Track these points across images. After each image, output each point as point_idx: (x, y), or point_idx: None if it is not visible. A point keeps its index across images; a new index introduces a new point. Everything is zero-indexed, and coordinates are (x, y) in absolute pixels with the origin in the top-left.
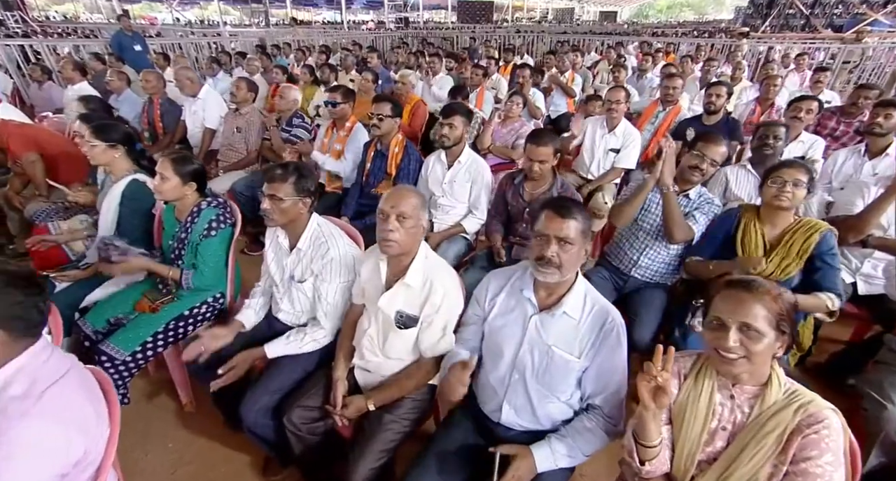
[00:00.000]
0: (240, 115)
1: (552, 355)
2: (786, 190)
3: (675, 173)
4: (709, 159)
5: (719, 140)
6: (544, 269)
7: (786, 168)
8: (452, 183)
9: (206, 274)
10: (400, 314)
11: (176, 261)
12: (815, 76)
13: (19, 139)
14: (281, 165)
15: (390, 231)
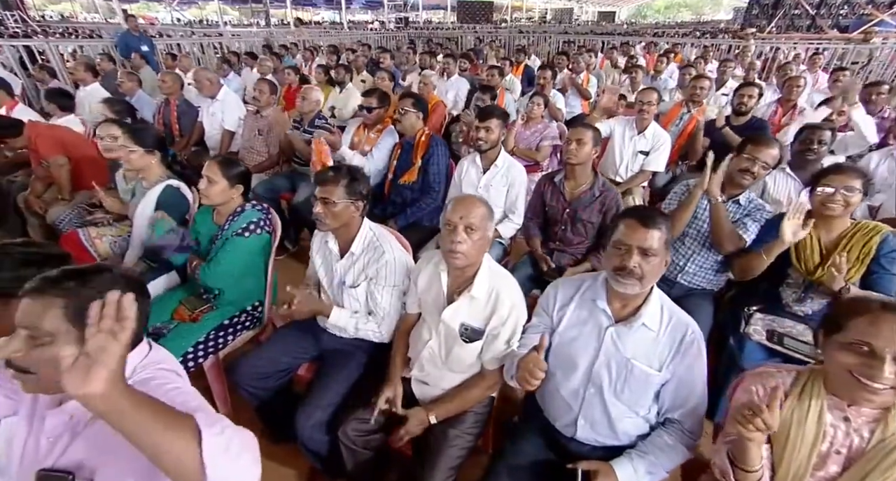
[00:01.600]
0: (261, 117)
1: (631, 368)
2: (835, 197)
3: (724, 178)
4: (760, 162)
5: (771, 142)
6: (625, 280)
7: (835, 174)
8: (489, 187)
9: (217, 271)
10: (465, 327)
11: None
12: (833, 76)
13: (48, 140)
14: (333, 168)
15: (459, 243)
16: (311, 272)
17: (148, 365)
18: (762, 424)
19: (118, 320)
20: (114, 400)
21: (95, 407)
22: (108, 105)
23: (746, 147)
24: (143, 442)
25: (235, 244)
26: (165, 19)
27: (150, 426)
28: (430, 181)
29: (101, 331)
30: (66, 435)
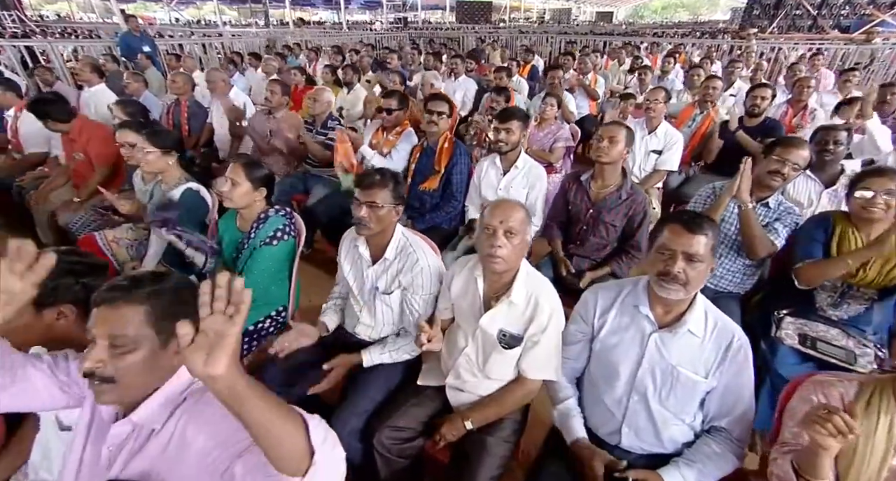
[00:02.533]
0: (273, 118)
1: (677, 375)
2: (876, 201)
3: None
4: (791, 163)
5: (802, 143)
6: (668, 286)
7: (874, 177)
8: (509, 189)
9: (248, 282)
10: (503, 333)
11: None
12: (843, 76)
13: (102, 142)
14: (377, 171)
15: (499, 247)
16: (339, 279)
17: None
18: (843, 425)
19: (234, 304)
20: (233, 382)
21: (217, 389)
22: (122, 107)
23: (775, 149)
24: (261, 426)
25: (264, 253)
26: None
27: (266, 410)
28: (454, 190)
29: (217, 312)
30: (130, 445)
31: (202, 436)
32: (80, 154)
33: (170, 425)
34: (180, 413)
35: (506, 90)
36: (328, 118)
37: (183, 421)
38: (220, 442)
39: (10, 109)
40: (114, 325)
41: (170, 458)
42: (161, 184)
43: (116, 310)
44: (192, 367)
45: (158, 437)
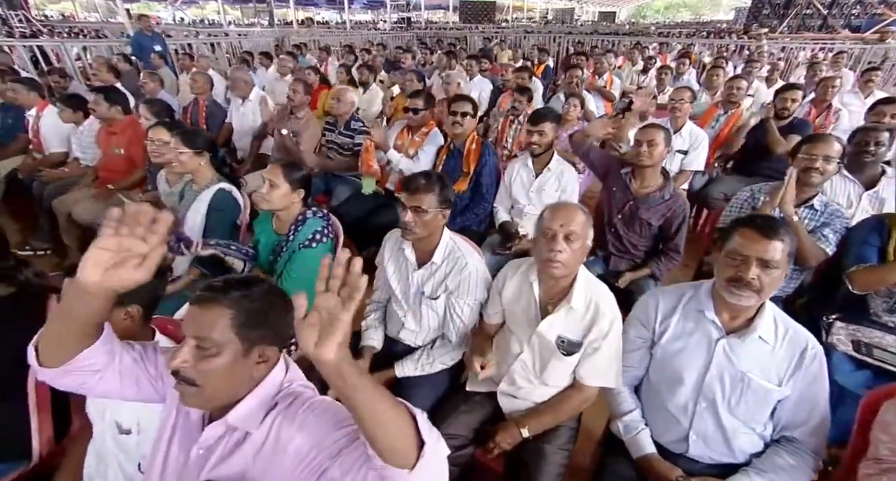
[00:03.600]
0: (296, 118)
1: (748, 382)
2: None
3: None
4: (820, 157)
5: (827, 137)
6: (740, 292)
7: None
8: (541, 191)
9: (289, 287)
10: (561, 339)
11: (276, 277)
12: (865, 76)
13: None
14: (423, 174)
15: (558, 252)
16: (381, 282)
17: (293, 380)
18: None
19: (350, 287)
20: (342, 369)
21: (327, 373)
22: (148, 106)
23: (801, 148)
24: (372, 415)
25: (304, 256)
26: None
27: (377, 399)
28: (483, 192)
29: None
30: (222, 447)
31: (297, 439)
32: (120, 149)
33: (264, 428)
34: (274, 415)
35: (528, 90)
36: (351, 119)
37: (277, 424)
38: (316, 444)
39: (32, 109)
40: (201, 327)
41: (264, 461)
42: (192, 184)
43: (206, 311)
44: (303, 344)
45: (252, 440)
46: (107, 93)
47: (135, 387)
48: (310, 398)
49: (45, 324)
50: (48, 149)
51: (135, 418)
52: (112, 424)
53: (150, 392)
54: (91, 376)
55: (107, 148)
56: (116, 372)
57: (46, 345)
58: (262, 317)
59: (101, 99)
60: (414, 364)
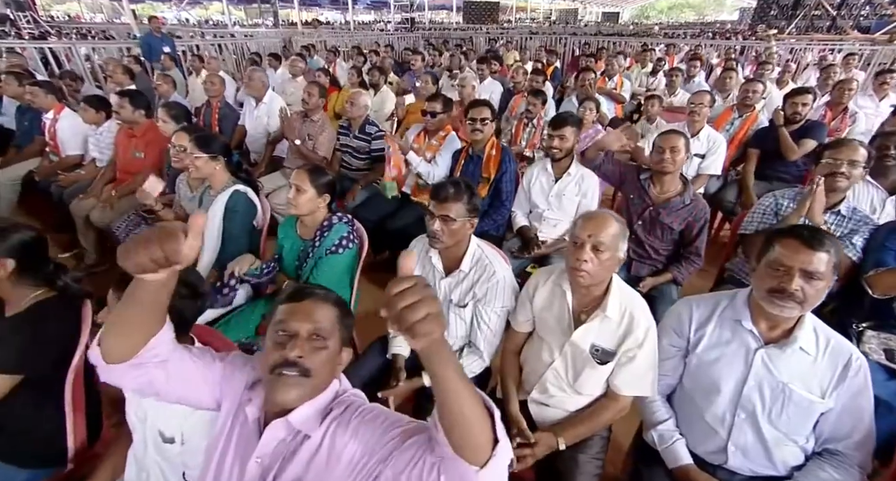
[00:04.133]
0: (311, 121)
1: (789, 394)
2: None
3: None
4: (845, 161)
5: (850, 142)
6: (782, 303)
7: None
8: (560, 196)
9: None
10: (595, 348)
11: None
12: (879, 78)
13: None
14: (452, 183)
15: (584, 261)
16: None
17: (346, 388)
18: None
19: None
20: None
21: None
22: (166, 109)
23: (824, 153)
24: (458, 399)
25: (330, 262)
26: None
27: (465, 383)
28: (503, 197)
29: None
30: (283, 451)
31: (351, 445)
32: (140, 152)
33: (319, 432)
34: (330, 420)
35: (542, 93)
36: (365, 122)
37: (332, 430)
38: (369, 450)
39: (50, 112)
40: (317, 318)
41: (320, 466)
42: (209, 189)
43: (320, 305)
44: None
45: (309, 444)
46: (131, 96)
47: (192, 391)
48: (361, 405)
49: (109, 318)
50: (64, 152)
51: (178, 427)
52: (154, 432)
53: (205, 397)
54: (159, 371)
55: (125, 151)
56: (178, 371)
57: (113, 338)
58: (346, 319)
59: (125, 102)
60: None
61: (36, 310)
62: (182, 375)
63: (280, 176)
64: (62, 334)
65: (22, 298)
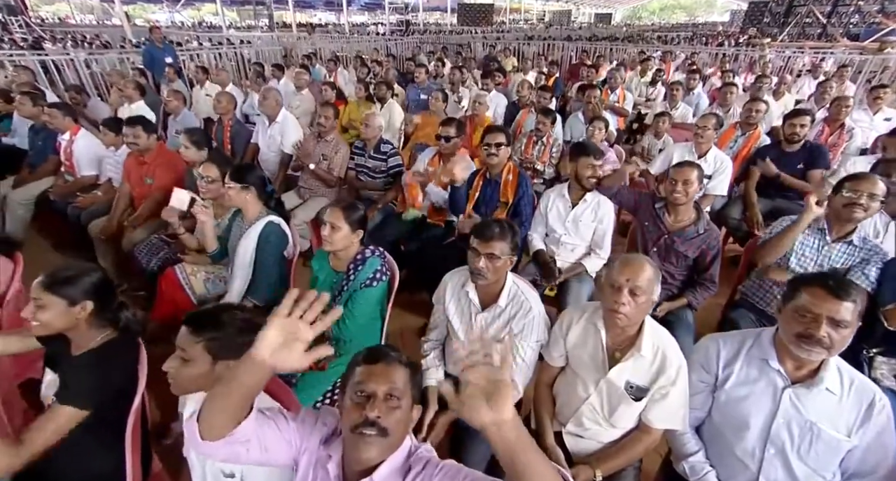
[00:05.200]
0: (326, 142)
1: (818, 432)
2: None
3: (831, 216)
4: (865, 193)
5: (871, 176)
6: (810, 348)
7: None
8: (577, 222)
9: (351, 325)
10: (630, 385)
11: None
12: (873, 93)
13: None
14: (496, 222)
15: (622, 304)
16: (439, 321)
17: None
18: None
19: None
20: (518, 427)
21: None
22: (188, 135)
23: (844, 184)
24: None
25: (365, 296)
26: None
27: (542, 461)
28: (522, 221)
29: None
30: None
31: None
32: (151, 178)
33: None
34: (412, 479)
35: (552, 112)
36: (380, 142)
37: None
38: None
39: (66, 133)
40: (392, 380)
41: None
42: (241, 218)
43: (394, 367)
44: (474, 415)
45: None
46: (143, 123)
47: (273, 455)
48: (439, 463)
49: (208, 399)
50: (80, 172)
51: (240, 465)
52: (216, 469)
53: (283, 458)
54: (243, 446)
55: (137, 177)
56: (261, 441)
57: (213, 419)
58: (416, 378)
59: (139, 130)
60: None
61: (104, 349)
62: (264, 443)
63: (295, 195)
64: (126, 374)
65: (91, 338)
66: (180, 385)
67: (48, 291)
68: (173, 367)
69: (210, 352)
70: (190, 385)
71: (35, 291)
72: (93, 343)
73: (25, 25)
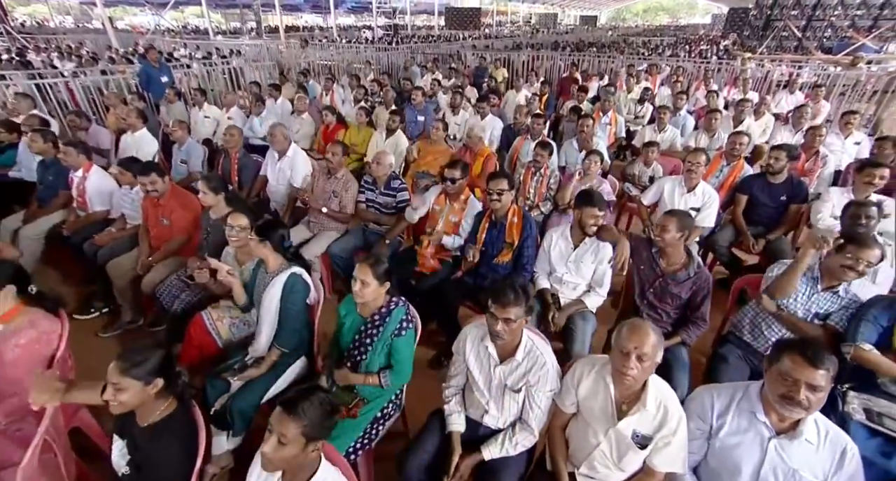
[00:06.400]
0: (335, 178)
1: (799, 478)
2: None
3: (824, 269)
4: (864, 261)
5: (873, 243)
6: (791, 408)
7: None
8: (579, 262)
9: (402, 372)
10: (636, 434)
11: (359, 357)
12: (844, 118)
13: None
14: (511, 288)
15: (630, 369)
16: (459, 369)
17: None
18: None
19: None
20: None
21: None
22: (206, 181)
23: (848, 247)
24: None
25: (398, 345)
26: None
27: None
28: (524, 262)
29: None
30: None
31: None
32: (167, 219)
33: None
34: None
35: (549, 145)
36: (390, 179)
37: None
38: None
39: (79, 170)
40: None
41: None
42: (265, 268)
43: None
44: None
45: None
46: (157, 169)
47: None
48: None
49: None
50: (92, 208)
51: None
52: None
53: None
54: None
55: (154, 218)
56: None
57: None
58: None
59: (155, 177)
60: (499, 447)
61: (169, 420)
62: None
63: (305, 228)
64: (190, 443)
65: (156, 410)
66: (274, 463)
67: (125, 375)
68: (271, 448)
69: (305, 436)
70: (281, 463)
71: (113, 376)
72: (157, 413)
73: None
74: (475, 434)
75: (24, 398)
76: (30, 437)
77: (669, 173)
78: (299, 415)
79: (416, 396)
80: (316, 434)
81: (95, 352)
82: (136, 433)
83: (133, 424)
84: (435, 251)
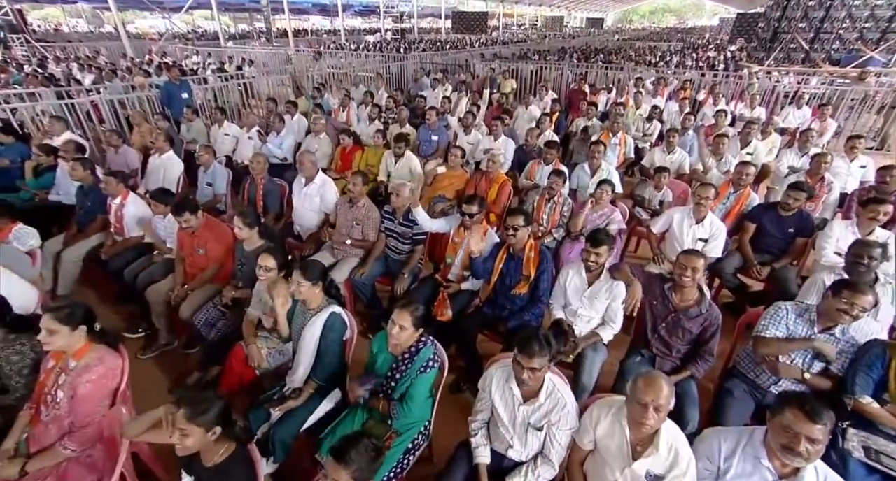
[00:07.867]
0: (357, 207)
1: None
2: None
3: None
4: (859, 307)
5: (867, 290)
6: (793, 458)
7: None
8: (593, 298)
9: (412, 407)
10: (650, 473)
11: (390, 391)
12: (850, 142)
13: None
14: (536, 340)
15: (648, 419)
16: (485, 405)
17: None
18: None
19: None
20: None
21: None
22: (242, 217)
23: (844, 292)
24: None
25: (421, 381)
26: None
27: None
28: (540, 294)
29: None
30: None
31: None
32: (202, 249)
33: None
34: None
35: (563, 173)
36: (408, 210)
37: None
38: None
39: (117, 198)
40: None
41: None
42: (304, 306)
43: None
44: None
45: None
46: (191, 208)
47: None
48: None
49: None
50: (128, 233)
51: None
52: None
53: None
54: None
55: (189, 248)
56: None
57: None
58: None
59: (188, 214)
60: (522, 479)
61: (231, 460)
62: None
63: (329, 253)
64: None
65: (217, 452)
66: None
67: (191, 423)
68: None
69: (355, 480)
70: None
71: (180, 423)
72: (219, 455)
73: (26, 42)
74: (500, 465)
75: (95, 428)
76: (97, 463)
77: (678, 196)
78: (349, 463)
79: (439, 422)
80: (365, 477)
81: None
82: (202, 472)
83: (199, 464)
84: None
